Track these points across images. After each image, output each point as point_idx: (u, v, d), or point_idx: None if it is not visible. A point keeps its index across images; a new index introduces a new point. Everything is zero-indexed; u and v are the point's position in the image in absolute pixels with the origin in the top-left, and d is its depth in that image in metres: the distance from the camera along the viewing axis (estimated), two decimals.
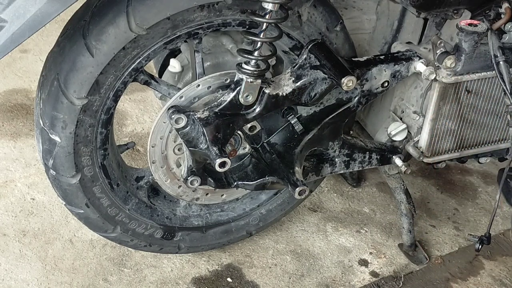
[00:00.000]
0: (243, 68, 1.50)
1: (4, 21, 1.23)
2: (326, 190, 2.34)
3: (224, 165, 1.52)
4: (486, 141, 1.87)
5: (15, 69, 2.81)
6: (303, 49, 1.58)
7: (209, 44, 1.74)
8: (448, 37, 1.73)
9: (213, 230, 1.92)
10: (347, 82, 1.52)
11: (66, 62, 1.45)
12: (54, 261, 1.90)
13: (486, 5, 1.69)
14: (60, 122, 1.49)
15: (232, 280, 1.92)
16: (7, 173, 2.21)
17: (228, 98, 1.53)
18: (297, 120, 1.66)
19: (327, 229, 2.16)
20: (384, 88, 1.69)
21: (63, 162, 1.56)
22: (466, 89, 1.73)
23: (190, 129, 1.55)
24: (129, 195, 1.75)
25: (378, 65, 1.65)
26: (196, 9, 1.45)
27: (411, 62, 1.67)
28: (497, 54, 1.61)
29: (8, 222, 2.01)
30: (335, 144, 1.74)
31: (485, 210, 2.35)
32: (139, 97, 2.71)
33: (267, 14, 1.44)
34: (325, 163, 1.77)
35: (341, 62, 1.56)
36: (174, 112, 1.54)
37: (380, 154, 1.83)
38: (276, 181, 1.68)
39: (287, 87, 1.56)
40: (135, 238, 1.80)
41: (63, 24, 1.51)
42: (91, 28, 1.41)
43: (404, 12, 1.74)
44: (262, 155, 1.69)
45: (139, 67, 1.50)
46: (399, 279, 1.99)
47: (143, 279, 1.88)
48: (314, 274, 1.98)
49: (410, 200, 2.03)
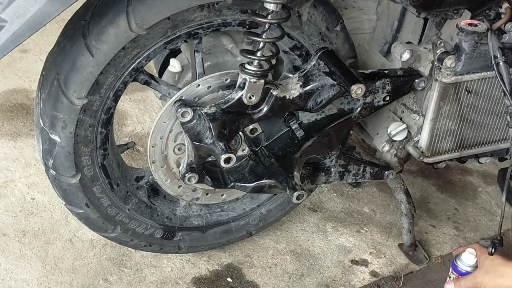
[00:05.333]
0: (246, 69, 1.50)
1: (4, 21, 1.23)
2: (326, 190, 2.34)
3: (229, 161, 1.52)
4: (486, 141, 1.87)
5: (15, 69, 2.81)
6: (313, 56, 1.59)
7: (209, 44, 1.74)
8: (448, 37, 1.73)
9: (213, 230, 1.92)
10: (356, 90, 1.55)
11: (66, 62, 1.45)
12: (54, 261, 1.90)
13: (486, 5, 1.69)
14: (60, 122, 1.49)
15: (232, 280, 1.92)
16: (7, 173, 2.21)
17: (236, 96, 1.53)
18: (298, 126, 1.67)
19: (327, 229, 2.17)
20: (385, 102, 1.70)
21: (63, 162, 1.56)
22: (466, 89, 1.73)
23: (196, 124, 1.55)
24: (129, 195, 1.75)
25: (382, 79, 1.66)
26: (196, 9, 1.45)
27: (413, 80, 1.69)
28: (497, 55, 1.62)
29: (8, 222, 2.01)
30: (332, 154, 1.75)
31: (485, 210, 2.35)
32: (139, 97, 2.71)
33: (269, 15, 1.44)
34: (321, 171, 1.79)
35: (350, 70, 1.59)
36: (180, 106, 1.54)
37: (374, 168, 1.85)
38: (273, 185, 1.68)
39: (294, 91, 1.57)
40: (135, 238, 1.80)
41: (63, 24, 1.51)
42: (91, 28, 1.41)
43: (404, 12, 1.74)
44: (261, 158, 1.70)
45: (139, 67, 1.50)
46: (399, 279, 1.99)
47: (143, 279, 1.88)
48: (314, 274, 1.98)
49: (410, 200, 2.03)
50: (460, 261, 1.73)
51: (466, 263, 1.72)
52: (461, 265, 1.73)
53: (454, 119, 1.77)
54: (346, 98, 1.67)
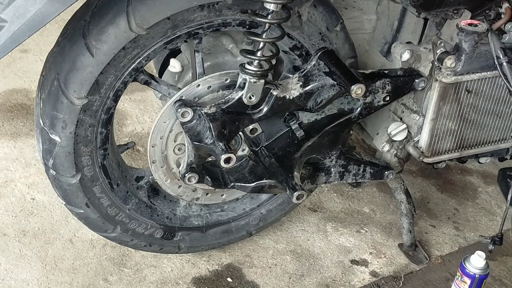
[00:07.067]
0: (246, 69, 1.50)
1: (4, 21, 1.23)
2: (326, 190, 2.34)
3: (229, 161, 1.52)
4: (486, 141, 1.87)
5: (15, 69, 2.81)
6: (313, 56, 1.59)
7: (209, 44, 1.74)
8: (448, 37, 1.73)
9: (213, 230, 1.92)
10: (356, 90, 1.54)
11: (66, 62, 1.45)
12: (54, 261, 1.90)
13: (486, 5, 1.69)
14: (60, 122, 1.49)
15: (232, 280, 1.92)
16: (7, 173, 2.21)
17: (236, 96, 1.53)
18: (298, 126, 1.67)
19: (327, 229, 2.17)
20: (385, 102, 1.70)
21: (63, 162, 1.56)
22: (466, 89, 1.73)
23: (196, 124, 1.55)
24: (129, 195, 1.75)
25: (382, 79, 1.66)
26: (196, 9, 1.45)
27: (413, 80, 1.69)
28: (500, 55, 1.62)
29: (8, 222, 2.01)
30: (332, 154, 1.75)
31: (485, 210, 2.35)
32: (139, 97, 2.71)
33: (269, 15, 1.44)
34: (321, 172, 1.79)
35: (351, 70, 1.59)
36: (180, 106, 1.54)
37: (374, 168, 1.85)
38: (273, 185, 1.68)
39: (294, 91, 1.57)
40: (135, 238, 1.80)
41: (63, 24, 1.51)
42: (91, 28, 1.42)
43: (404, 12, 1.74)
44: (261, 158, 1.70)
45: (139, 67, 1.50)
46: (399, 279, 1.99)
47: (143, 279, 1.88)
48: (314, 274, 1.98)
49: (410, 200, 2.03)
50: (468, 263, 1.73)
51: (474, 266, 1.72)
52: (470, 267, 1.73)
53: (454, 119, 1.77)
54: (346, 98, 1.67)
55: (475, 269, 1.72)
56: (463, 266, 1.75)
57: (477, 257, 1.72)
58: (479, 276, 1.73)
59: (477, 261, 1.72)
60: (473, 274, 1.72)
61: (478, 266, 1.72)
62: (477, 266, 1.72)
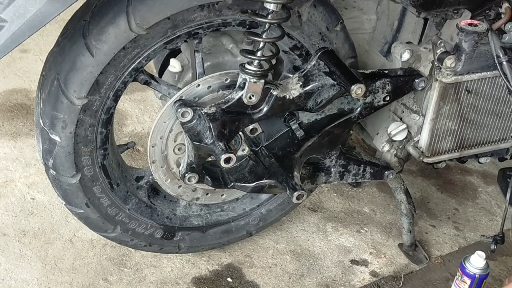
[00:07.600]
0: (246, 69, 1.50)
1: (4, 21, 1.23)
2: (326, 190, 2.34)
3: (229, 161, 1.52)
4: (486, 141, 1.87)
5: (15, 69, 2.81)
6: (313, 56, 1.59)
7: (209, 44, 1.74)
8: (448, 37, 1.73)
9: (213, 230, 1.92)
10: (356, 90, 1.54)
11: (66, 62, 1.45)
12: (54, 261, 1.90)
13: (486, 5, 1.69)
14: (60, 122, 1.49)
15: (232, 280, 1.92)
16: (7, 173, 2.21)
17: (236, 96, 1.53)
18: (298, 126, 1.67)
19: (327, 229, 2.17)
20: (385, 102, 1.70)
21: (63, 162, 1.56)
22: (466, 89, 1.73)
23: (196, 124, 1.55)
24: (129, 195, 1.75)
25: (382, 79, 1.66)
26: (196, 9, 1.45)
27: (413, 80, 1.69)
28: (500, 55, 1.62)
29: (8, 222, 2.01)
30: (332, 154, 1.75)
31: (485, 210, 2.35)
32: (139, 97, 2.71)
33: (269, 15, 1.44)
34: (321, 172, 1.79)
35: (351, 70, 1.59)
36: (180, 106, 1.54)
37: (374, 168, 1.85)
38: (273, 185, 1.68)
39: (294, 91, 1.57)
40: (135, 238, 1.80)
41: (63, 24, 1.51)
42: (91, 28, 1.42)
43: (404, 12, 1.74)
44: (261, 158, 1.70)
45: (139, 67, 1.50)
46: (399, 279, 1.99)
47: (143, 279, 1.88)
48: (314, 274, 1.98)
49: (410, 200, 2.03)
50: (468, 263, 1.74)
51: (474, 266, 1.73)
52: (470, 267, 1.73)
53: (454, 119, 1.77)
54: (346, 98, 1.67)
55: (475, 269, 1.73)
56: (463, 266, 1.75)
57: (477, 257, 1.72)
58: (479, 276, 1.73)
59: (477, 261, 1.72)
60: (473, 274, 1.72)
61: (478, 266, 1.72)
62: (477, 266, 1.72)
